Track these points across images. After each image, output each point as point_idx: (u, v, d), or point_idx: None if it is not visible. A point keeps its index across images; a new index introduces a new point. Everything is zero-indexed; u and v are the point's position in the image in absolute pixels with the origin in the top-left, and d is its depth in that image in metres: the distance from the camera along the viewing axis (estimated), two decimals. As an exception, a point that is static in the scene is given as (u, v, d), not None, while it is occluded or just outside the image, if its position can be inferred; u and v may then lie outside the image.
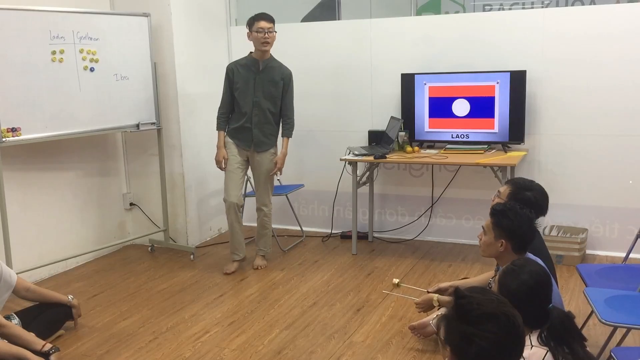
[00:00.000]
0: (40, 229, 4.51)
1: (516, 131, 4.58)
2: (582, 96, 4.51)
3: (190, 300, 4.06)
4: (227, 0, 5.46)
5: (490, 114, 4.65)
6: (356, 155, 4.72)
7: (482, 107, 4.67)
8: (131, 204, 5.26)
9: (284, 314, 3.78)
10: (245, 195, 4.86)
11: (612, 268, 3.43)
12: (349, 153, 4.79)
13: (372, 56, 5.08)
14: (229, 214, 4.46)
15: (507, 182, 3.23)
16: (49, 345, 3.11)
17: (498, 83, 4.59)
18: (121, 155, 5.20)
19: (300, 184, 5.30)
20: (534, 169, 4.69)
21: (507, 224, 2.71)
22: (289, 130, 4.50)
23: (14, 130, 3.95)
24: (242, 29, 4.43)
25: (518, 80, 4.52)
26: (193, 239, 5.22)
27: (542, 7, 5.03)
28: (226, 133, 4.46)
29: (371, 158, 4.63)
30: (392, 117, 4.93)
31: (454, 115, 4.77)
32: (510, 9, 5.09)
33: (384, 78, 5.03)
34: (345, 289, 4.15)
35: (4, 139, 3.88)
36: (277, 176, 4.46)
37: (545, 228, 4.60)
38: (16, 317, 3.33)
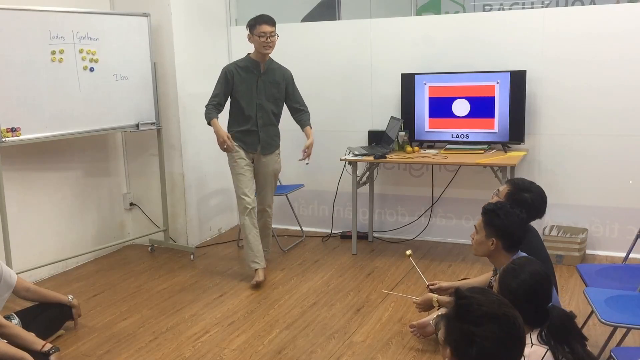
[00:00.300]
0: (40, 229, 4.51)
1: (516, 131, 4.58)
2: (582, 96, 4.51)
3: (190, 300, 4.06)
4: (227, 0, 5.46)
5: (490, 114, 4.65)
6: (356, 155, 4.72)
7: (482, 107, 4.67)
8: (131, 204, 5.27)
9: (284, 314, 3.78)
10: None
11: (612, 268, 3.44)
12: (349, 153, 4.79)
13: (372, 56, 5.08)
14: (248, 216, 4.25)
15: (507, 182, 3.24)
16: (49, 345, 3.11)
17: (498, 83, 4.59)
18: (121, 155, 5.20)
19: (300, 184, 5.30)
20: (534, 169, 4.69)
21: (498, 222, 2.76)
22: (308, 119, 4.41)
23: (13, 130, 3.95)
24: (242, 29, 4.43)
25: (518, 80, 4.52)
26: (193, 239, 5.22)
27: (542, 7, 5.03)
28: (231, 136, 4.27)
29: (371, 158, 4.63)
30: (392, 117, 4.93)
31: (454, 115, 4.77)
32: (510, 9, 5.09)
33: (384, 78, 5.03)
34: (345, 289, 4.15)
35: (4, 139, 3.88)
36: (307, 161, 4.34)
37: (545, 228, 4.60)
38: (16, 317, 3.33)
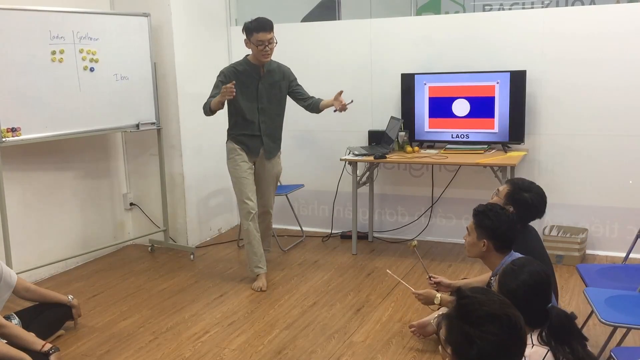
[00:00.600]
0: (40, 229, 4.51)
1: (516, 131, 4.58)
2: (582, 96, 4.51)
3: (190, 300, 4.06)
4: (227, 0, 5.46)
5: (490, 114, 4.65)
6: (356, 155, 4.72)
7: (482, 107, 4.67)
8: (131, 204, 5.27)
9: (284, 314, 3.78)
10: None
11: (612, 268, 3.43)
12: (349, 153, 4.79)
13: (372, 56, 5.08)
14: (252, 222, 4.17)
15: (507, 182, 3.24)
16: (49, 345, 3.11)
17: (498, 83, 4.59)
18: (121, 155, 5.20)
19: (300, 184, 5.30)
20: (534, 169, 4.69)
21: (488, 224, 2.80)
22: (318, 99, 4.36)
23: (14, 130, 3.95)
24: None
25: (518, 80, 4.52)
26: (193, 239, 5.22)
27: (542, 7, 5.04)
28: (232, 139, 4.22)
29: (371, 158, 4.63)
30: (392, 117, 4.93)
31: (454, 115, 4.77)
32: (510, 9, 5.09)
33: (384, 78, 5.03)
34: (345, 289, 4.15)
35: (4, 139, 3.88)
36: (348, 102, 4.19)
37: (545, 228, 4.60)
38: (16, 317, 3.33)
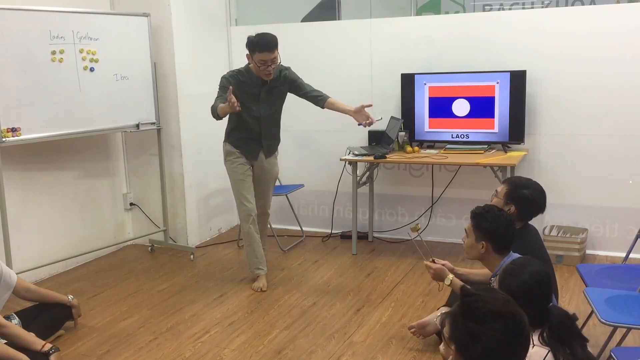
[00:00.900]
0: (40, 229, 4.51)
1: (516, 131, 4.58)
2: (582, 96, 4.51)
3: (190, 300, 4.06)
4: (227, 0, 5.46)
5: (490, 114, 4.65)
6: (356, 155, 4.72)
7: (482, 107, 4.67)
8: (131, 204, 5.26)
9: (284, 314, 3.78)
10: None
11: (612, 268, 3.43)
12: (349, 153, 4.79)
13: (372, 56, 5.08)
14: (252, 224, 4.16)
15: (505, 181, 3.25)
16: (49, 345, 3.10)
17: (498, 83, 4.59)
18: (121, 155, 5.20)
19: (300, 184, 5.30)
20: (534, 169, 4.69)
21: (486, 225, 2.79)
22: (325, 94, 4.23)
23: (14, 130, 3.95)
24: (242, 29, 4.44)
25: (518, 80, 4.52)
26: (193, 239, 5.22)
27: (542, 7, 5.03)
28: (230, 142, 4.17)
29: (371, 158, 4.63)
30: (392, 117, 4.93)
31: (454, 115, 4.77)
32: (510, 9, 5.09)
33: (384, 78, 5.03)
34: (345, 289, 4.15)
35: (4, 139, 3.88)
36: (377, 119, 4.09)
37: (545, 228, 4.60)
38: (16, 317, 3.33)
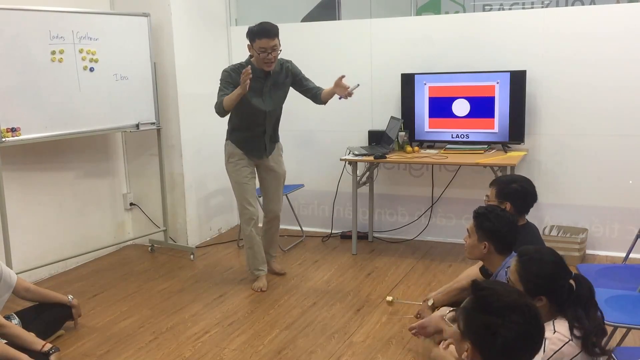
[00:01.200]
0: (40, 229, 4.51)
1: (516, 131, 4.58)
2: (582, 96, 4.51)
3: (190, 300, 4.06)
4: (227, 0, 5.46)
5: (490, 114, 4.65)
6: (356, 155, 4.72)
7: (482, 107, 4.67)
8: (131, 204, 5.27)
9: (284, 314, 3.78)
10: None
11: (612, 268, 3.44)
12: (349, 153, 4.79)
13: (372, 56, 5.08)
14: (254, 227, 4.15)
15: (491, 184, 3.27)
16: (49, 345, 3.11)
17: (498, 83, 4.59)
18: (121, 155, 5.20)
19: (300, 184, 5.30)
20: (534, 169, 4.69)
21: (489, 226, 2.79)
22: (321, 90, 4.12)
23: (13, 130, 3.95)
24: (242, 29, 4.41)
25: (518, 80, 4.52)
26: (193, 239, 5.22)
27: (542, 7, 5.03)
28: (233, 141, 4.12)
29: (371, 158, 4.63)
30: (392, 117, 4.93)
31: (454, 115, 4.77)
32: (510, 9, 5.09)
33: (384, 78, 5.03)
34: (345, 289, 4.15)
35: (4, 139, 3.88)
36: (353, 87, 3.93)
37: (545, 228, 4.60)
38: (16, 317, 3.33)
